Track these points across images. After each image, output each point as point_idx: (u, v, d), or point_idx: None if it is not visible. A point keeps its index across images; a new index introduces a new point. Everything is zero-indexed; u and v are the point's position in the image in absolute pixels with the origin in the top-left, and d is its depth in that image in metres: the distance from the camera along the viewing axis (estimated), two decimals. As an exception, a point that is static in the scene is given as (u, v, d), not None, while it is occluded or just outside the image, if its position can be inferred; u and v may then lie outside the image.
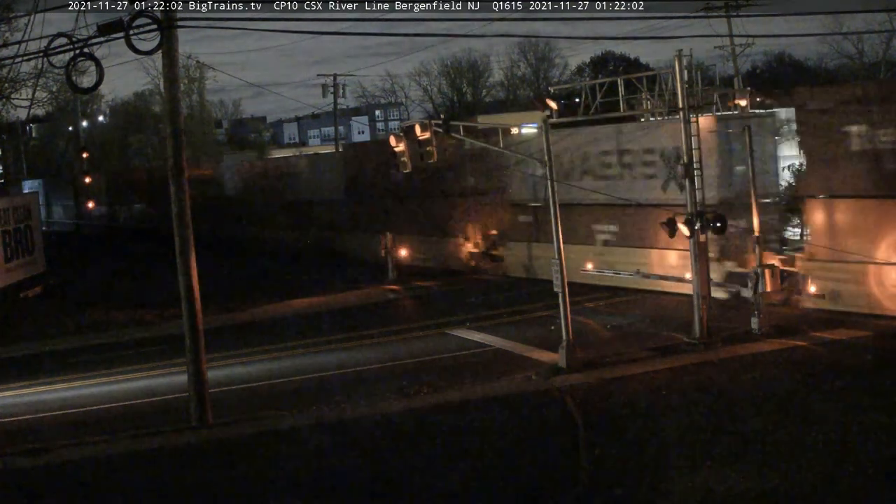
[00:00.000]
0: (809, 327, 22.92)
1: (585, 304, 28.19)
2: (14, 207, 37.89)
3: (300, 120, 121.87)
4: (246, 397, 21.31)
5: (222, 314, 31.33)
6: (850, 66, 66.36)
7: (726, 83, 45.70)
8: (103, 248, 58.63)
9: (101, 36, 17.58)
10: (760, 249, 23.46)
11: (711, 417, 17.04)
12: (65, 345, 29.40)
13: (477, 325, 27.09)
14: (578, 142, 31.21)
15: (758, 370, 19.86)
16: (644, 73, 32.30)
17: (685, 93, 23.23)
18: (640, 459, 15.32)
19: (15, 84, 40.59)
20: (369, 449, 17.14)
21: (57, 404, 22.14)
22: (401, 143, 23.90)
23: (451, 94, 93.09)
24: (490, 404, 19.20)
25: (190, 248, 19.08)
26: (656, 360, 21.56)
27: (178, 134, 19.17)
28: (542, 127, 22.63)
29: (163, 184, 20.68)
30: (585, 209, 30.47)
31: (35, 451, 17.91)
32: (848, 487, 13.51)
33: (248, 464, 16.66)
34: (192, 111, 77.84)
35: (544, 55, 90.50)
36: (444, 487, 14.85)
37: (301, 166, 51.90)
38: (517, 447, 16.52)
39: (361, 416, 19.00)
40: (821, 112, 24.57)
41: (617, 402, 18.66)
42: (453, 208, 37.34)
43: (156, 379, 23.95)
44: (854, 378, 18.70)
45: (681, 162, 23.08)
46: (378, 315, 30.50)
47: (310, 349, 26.20)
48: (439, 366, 22.79)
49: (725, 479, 14.06)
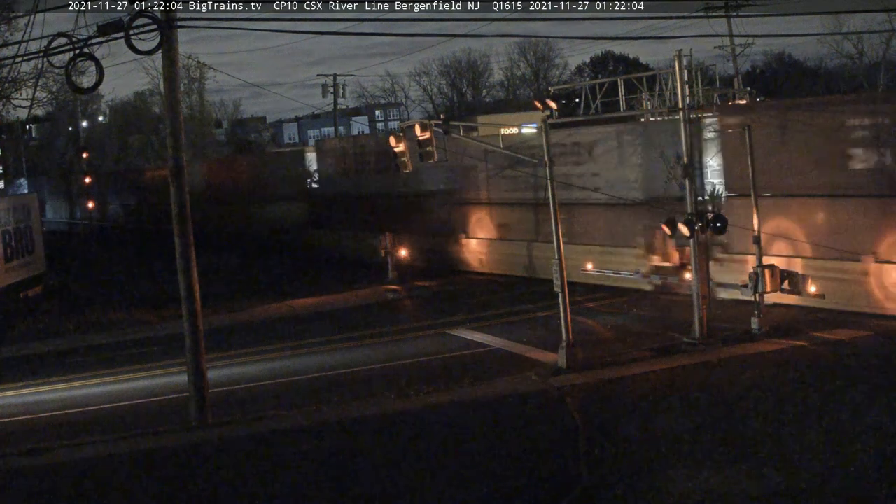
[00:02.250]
0: (809, 327, 22.93)
1: (586, 304, 28.23)
2: (14, 207, 37.89)
3: (300, 120, 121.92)
4: (246, 397, 21.31)
5: (222, 314, 31.36)
6: (850, 66, 66.35)
7: (726, 83, 45.73)
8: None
9: (101, 36, 17.58)
10: (759, 249, 23.46)
11: (711, 417, 17.05)
12: (65, 345, 29.40)
13: (477, 325, 27.10)
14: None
15: (758, 370, 19.86)
16: (644, 73, 32.30)
17: (685, 93, 23.24)
18: (640, 459, 15.33)
19: (15, 84, 40.53)
20: (369, 449, 17.14)
21: (56, 404, 22.15)
22: (401, 142, 23.88)
23: (451, 94, 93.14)
24: (490, 404, 19.20)
25: (190, 249, 19.07)
26: (656, 360, 21.55)
27: (178, 134, 19.17)
28: (541, 127, 22.62)
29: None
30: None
31: (35, 451, 17.90)
32: (848, 487, 13.51)
33: (248, 464, 16.66)
34: (192, 111, 77.78)
35: (544, 55, 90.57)
36: (443, 487, 14.85)
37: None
38: (517, 447, 16.52)
39: (361, 416, 18.99)
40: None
41: (617, 403, 18.66)
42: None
43: (156, 379, 23.95)
44: (854, 378, 18.70)
45: (681, 162, 23.09)
46: (378, 315, 30.50)
47: (310, 349, 26.20)
48: (439, 366, 22.79)
49: (725, 479, 14.07)
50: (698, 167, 26.81)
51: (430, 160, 23.01)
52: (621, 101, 27.67)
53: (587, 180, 30.34)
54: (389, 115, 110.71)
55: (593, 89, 28.15)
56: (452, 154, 27.80)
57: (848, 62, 66.54)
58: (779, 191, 25.54)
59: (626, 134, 30.68)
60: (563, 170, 28.40)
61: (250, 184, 52.94)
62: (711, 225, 22.54)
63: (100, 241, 63.37)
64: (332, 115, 71.93)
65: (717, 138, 27.19)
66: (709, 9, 53.19)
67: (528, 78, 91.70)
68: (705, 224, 22.52)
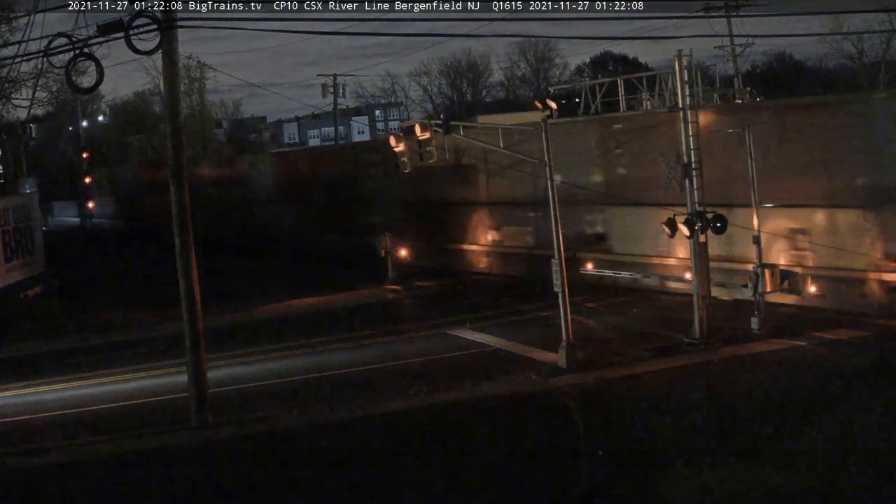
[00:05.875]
0: (809, 327, 22.93)
1: (586, 304, 28.22)
2: (14, 207, 37.89)
3: (300, 120, 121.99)
4: (246, 397, 21.29)
5: (222, 314, 31.35)
6: (850, 66, 66.37)
7: (726, 83, 45.73)
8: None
9: (101, 36, 17.57)
10: (759, 249, 23.46)
11: (712, 418, 17.03)
12: (65, 345, 29.39)
13: (477, 325, 27.09)
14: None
15: (758, 370, 19.87)
16: (644, 73, 32.34)
17: (685, 93, 23.24)
18: (640, 460, 15.33)
19: (15, 84, 40.55)
20: (369, 449, 17.14)
21: (57, 404, 22.13)
22: (400, 143, 23.90)
23: (451, 94, 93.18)
24: (490, 404, 19.20)
25: (190, 249, 19.06)
26: (656, 360, 21.56)
27: (178, 134, 19.16)
28: (541, 127, 22.62)
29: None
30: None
31: (35, 451, 17.91)
32: (848, 487, 13.50)
33: (248, 464, 16.66)
34: (193, 111, 77.80)
35: (544, 55, 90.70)
36: (443, 488, 14.85)
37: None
38: (517, 447, 16.52)
39: (361, 416, 18.99)
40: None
41: (617, 402, 18.65)
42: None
43: (156, 379, 23.93)
44: (854, 378, 18.70)
45: (681, 162, 23.08)
46: (378, 315, 30.50)
47: (310, 349, 26.19)
48: (439, 366, 22.78)
49: (725, 479, 14.06)
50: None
51: (430, 160, 23.04)
52: (621, 101, 27.71)
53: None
54: (389, 115, 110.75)
55: (593, 89, 28.21)
56: (452, 153, 27.86)
57: (848, 62, 66.57)
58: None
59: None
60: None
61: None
62: (711, 225, 22.54)
63: (101, 241, 63.43)
64: (333, 115, 71.92)
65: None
66: (709, 9, 53.22)
67: (528, 78, 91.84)
68: (705, 224, 22.52)
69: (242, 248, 49.73)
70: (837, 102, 27.33)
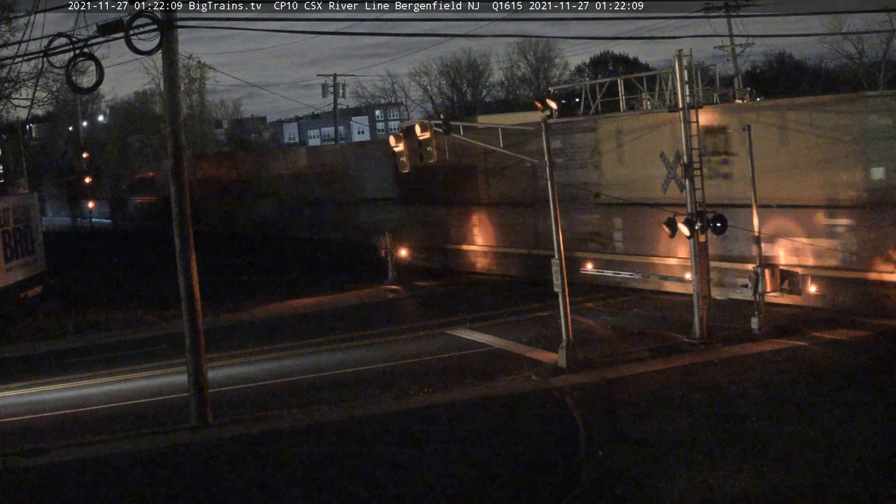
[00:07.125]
0: (809, 327, 22.94)
1: (586, 304, 28.23)
2: (14, 207, 37.86)
3: (300, 120, 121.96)
4: (246, 397, 21.31)
5: (223, 314, 31.36)
6: (850, 66, 66.33)
7: (726, 83, 45.68)
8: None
9: (101, 36, 17.58)
10: (759, 249, 23.46)
11: (712, 417, 17.05)
12: (65, 345, 29.41)
13: (477, 325, 27.10)
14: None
15: (758, 370, 19.87)
16: (644, 73, 32.29)
17: (685, 92, 23.23)
18: (640, 459, 15.33)
19: (15, 84, 40.56)
20: (369, 449, 17.14)
21: (57, 404, 22.15)
22: (400, 143, 23.87)
23: (451, 94, 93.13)
24: (490, 404, 19.21)
25: (190, 249, 19.07)
26: (656, 360, 21.56)
27: (178, 134, 19.17)
28: (541, 127, 22.61)
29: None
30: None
31: (35, 451, 17.91)
32: (848, 487, 13.51)
33: (248, 464, 16.66)
34: (192, 111, 77.81)
35: (544, 55, 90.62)
36: (443, 488, 14.85)
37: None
38: (517, 447, 16.52)
39: (361, 416, 19.00)
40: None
41: (617, 402, 18.66)
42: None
43: (156, 379, 23.95)
44: (854, 378, 18.71)
45: (681, 162, 23.08)
46: (378, 315, 30.50)
47: (310, 349, 26.20)
48: (439, 366, 22.80)
49: (725, 479, 14.06)
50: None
51: (430, 160, 23.02)
52: (621, 101, 27.64)
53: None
54: (389, 115, 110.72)
55: (593, 89, 28.12)
56: (452, 153, 27.84)
57: (848, 62, 66.53)
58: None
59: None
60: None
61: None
62: (711, 225, 22.53)
63: (101, 240, 63.41)
64: (333, 115, 71.89)
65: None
66: (709, 9, 53.15)
67: (528, 78, 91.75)
68: (705, 224, 22.51)
69: (247, 247, 49.83)
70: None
